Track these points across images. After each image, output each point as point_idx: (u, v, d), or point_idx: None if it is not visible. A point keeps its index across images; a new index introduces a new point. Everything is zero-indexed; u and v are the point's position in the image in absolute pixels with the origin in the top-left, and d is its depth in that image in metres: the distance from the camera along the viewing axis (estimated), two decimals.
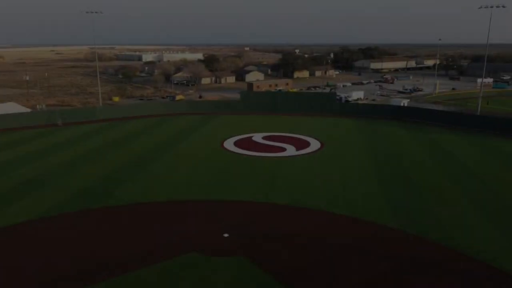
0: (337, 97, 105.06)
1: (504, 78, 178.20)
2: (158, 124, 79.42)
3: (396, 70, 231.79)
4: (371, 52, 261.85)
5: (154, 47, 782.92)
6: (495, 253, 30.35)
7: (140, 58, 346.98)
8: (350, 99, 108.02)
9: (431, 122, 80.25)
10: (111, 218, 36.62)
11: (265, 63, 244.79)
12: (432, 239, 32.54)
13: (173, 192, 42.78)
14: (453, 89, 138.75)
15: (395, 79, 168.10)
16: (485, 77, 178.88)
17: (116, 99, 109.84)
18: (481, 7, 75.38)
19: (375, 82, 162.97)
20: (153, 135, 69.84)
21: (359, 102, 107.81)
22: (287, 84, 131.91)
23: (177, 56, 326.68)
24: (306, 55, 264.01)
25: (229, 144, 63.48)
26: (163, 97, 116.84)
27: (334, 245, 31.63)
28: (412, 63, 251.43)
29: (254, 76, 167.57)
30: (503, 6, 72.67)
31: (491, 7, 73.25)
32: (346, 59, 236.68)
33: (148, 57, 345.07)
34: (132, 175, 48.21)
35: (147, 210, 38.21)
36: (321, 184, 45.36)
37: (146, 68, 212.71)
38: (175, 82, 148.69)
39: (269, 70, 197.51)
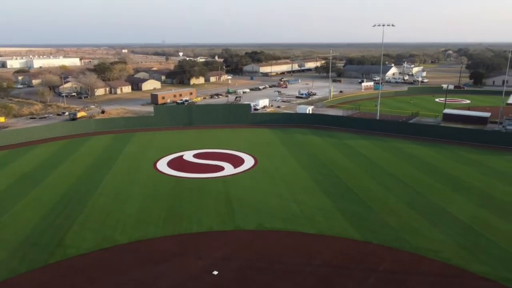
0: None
1: (376, 79, 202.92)
2: (69, 149, 72.23)
3: (283, 73, 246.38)
4: (258, 56, 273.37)
5: (13, 49, 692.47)
6: (448, 253, 35.94)
7: (3, 65, 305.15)
8: (258, 107, 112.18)
9: (339, 128, 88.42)
10: (79, 272, 33.11)
11: (155, 68, 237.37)
12: (396, 246, 37.00)
13: (133, 230, 40.26)
14: (340, 91, 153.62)
15: (287, 83, 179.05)
16: (359, 79, 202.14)
17: (2, 119, 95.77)
18: (375, 25, 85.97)
19: (270, 87, 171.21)
20: (72, 163, 63.54)
21: (267, 110, 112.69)
22: (191, 93, 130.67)
23: (53, 62, 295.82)
24: (196, 59, 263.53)
25: (163, 167, 61.32)
26: (58, 114, 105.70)
27: (321, 266, 33.80)
28: (295, 66, 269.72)
29: (151, 85, 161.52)
30: (393, 25, 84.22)
31: (383, 25, 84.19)
32: (236, 63, 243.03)
33: (14, 63, 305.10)
34: (73, 216, 43.71)
35: (116, 257, 35.45)
36: (276, 202, 47.25)
37: (20, 78, 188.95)
38: (63, 94, 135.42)
39: (162, 77, 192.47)
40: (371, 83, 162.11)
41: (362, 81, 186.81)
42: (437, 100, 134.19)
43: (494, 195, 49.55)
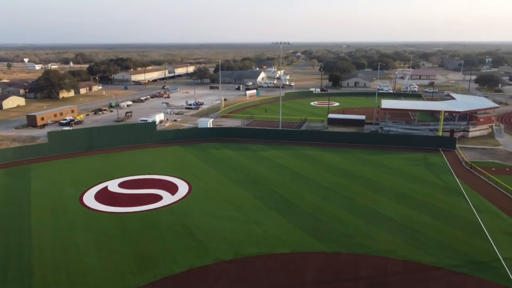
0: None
1: (249, 84, 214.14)
2: None
3: (155, 80, 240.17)
4: (126, 63, 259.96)
5: None
6: (401, 251, 43.14)
7: None
8: (156, 123, 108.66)
9: (246, 139, 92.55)
10: None
11: (4, 80, 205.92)
12: (361, 252, 42.70)
13: (110, 284, 37.34)
14: (225, 99, 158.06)
15: (169, 92, 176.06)
16: (233, 85, 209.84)
17: None
18: (273, 42, 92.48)
19: (152, 97, 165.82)
20: None
21: (165, 125, 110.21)
22: (72, 111, 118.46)
23: None
24: (47, 66, 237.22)
25: (92, 203, 56.43)
26: None
27: (315, 284, 37.23)
28: (166, 72, 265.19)
29: (13, 102, 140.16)
30: (289, 43, 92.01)
31: (281, 43, 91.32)
32: (103, 71, 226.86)
33: None
34: (25, 281, 38.15)
35: None
36: (237, 226, 48.83)
37: None
38: None
39: (20, 91, 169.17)
40: (254, 91, 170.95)
41: (239, 87, 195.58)
42: (312, 103, 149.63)
43: (405, 192, 60.07)
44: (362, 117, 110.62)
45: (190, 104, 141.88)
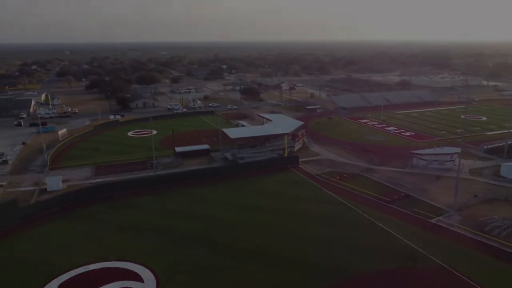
0: None
1: (23, 116, 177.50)
2: None
3: None
4: None
5: None
6: (357, 265, 58.59)
7: None
8: None
9: (122, 193, 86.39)
10: None
11: None
12: (346, 277, 55.74)
13: None
14: (23, 143, 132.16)
15: None
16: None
17: None
18: None
19: None
20: None
21: None
22: None
23: None
24: None
25: None
26: None
27: None
28: None
29: None
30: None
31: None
32: None
33: None
34: None
35: None
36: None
37: None
38: None
39: None
40: (65, 129, 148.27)
41: (19, 123, 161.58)
42: (129, 134, 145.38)
43: (308, 212, 75.52)
44: (206, 146, 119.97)
45: None
